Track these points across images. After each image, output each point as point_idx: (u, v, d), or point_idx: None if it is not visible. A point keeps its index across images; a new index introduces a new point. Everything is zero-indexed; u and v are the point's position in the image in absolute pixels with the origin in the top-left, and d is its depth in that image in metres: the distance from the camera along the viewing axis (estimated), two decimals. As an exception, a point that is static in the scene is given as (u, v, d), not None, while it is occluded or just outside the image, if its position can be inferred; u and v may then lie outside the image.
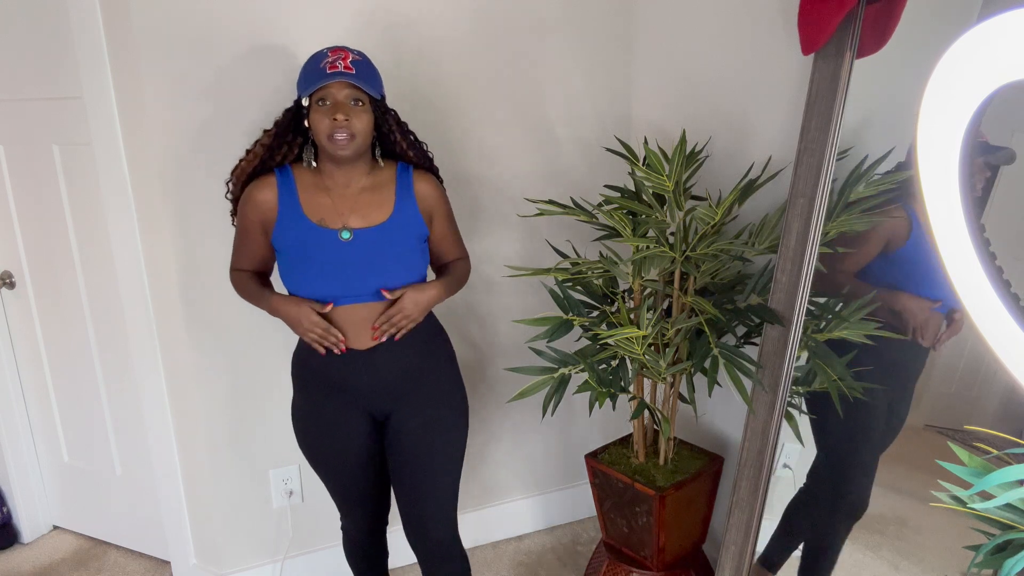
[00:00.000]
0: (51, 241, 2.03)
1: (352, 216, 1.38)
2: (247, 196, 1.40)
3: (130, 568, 2.21)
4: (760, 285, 1.67)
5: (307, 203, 1.38)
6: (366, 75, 1.32)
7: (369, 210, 1.39)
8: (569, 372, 1.72)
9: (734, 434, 2.09)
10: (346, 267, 1.36)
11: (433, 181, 1.48)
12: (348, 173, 1.38)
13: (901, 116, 1.31)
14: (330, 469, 1.53)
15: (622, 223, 1.64)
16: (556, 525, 2.43)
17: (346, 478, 1.53)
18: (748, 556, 1.72)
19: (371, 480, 1.55)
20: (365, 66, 1.33)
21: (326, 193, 1.39)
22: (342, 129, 1.29)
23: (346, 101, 1.30)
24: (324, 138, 1.30)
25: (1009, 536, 0.90)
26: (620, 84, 2.12)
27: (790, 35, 1.55)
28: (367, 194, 1.40)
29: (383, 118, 1.40)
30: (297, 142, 1.41)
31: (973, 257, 0.81)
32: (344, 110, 1.29)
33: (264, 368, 1.89)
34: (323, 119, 1.29)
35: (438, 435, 1.51)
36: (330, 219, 1.37)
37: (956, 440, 1.02)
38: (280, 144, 1.40)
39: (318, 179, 1.40)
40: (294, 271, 1.38)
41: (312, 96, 1.31)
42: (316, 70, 1.30)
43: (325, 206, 1.38)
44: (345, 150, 1.30)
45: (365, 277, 1.37)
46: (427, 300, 1.42)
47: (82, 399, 2.17)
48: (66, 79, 1.80)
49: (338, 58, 1.30)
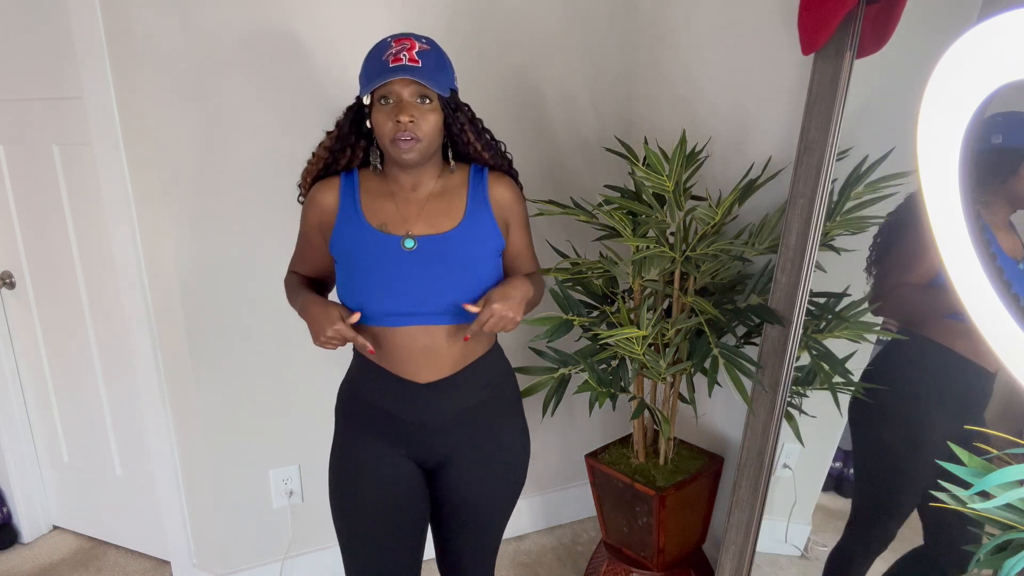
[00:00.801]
0: (51, 241, 2.03)
1: (418, 223, 1.22)
2: (309, 197, 1.29)
3: (130, 568, 2.20)
4: (760, 285, 1.67)
5: (368, 207, 1.23)
6: (434, 68, 1.16)
7: (437, 217, 1.23)
8: (569, 372, 1.72)
9: (734, 434, 2.09)
10: (409, 280, 1.19)
11: (512, 185, 1.31)
12: (415, 177, 1.24)
13: (901, 116, 1.31)
14: (358, 523, 1.29)
15: (622, 223, 1.64)
16: (556, 525, 2.43)
17: (376, 535, 1.29)
18: (748, 556, 1.72)
19: (405, 543, 1.32)
20: (434, 57, 1.17)
21: (390, 198, 1.24)
22: (406, 132, 1.14)
23: (411, 99, 1.15)
24: (387, 141, 1.16)
25: (1009, 536, 0.90)
26: (620, 84, 2.12)
27: (790, 35, 1.55)
28: (436, 200, 1.24)
29: (453, 116, 1.23)
30: (361, 145, 1.27)
31: (973, 257, 0.81)
32: (409, 110, 1.13)
33: (264, 368, 1.89)
34: (385, 120, 1.14)
35: (499, 494, 1.35)
36: (393, 225, 1.22)
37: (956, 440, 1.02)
38: (343, 147, 1.26)
39: (383, 183, 1.26)
40: (351, 282, 1.22)
41: (374, 94, 1.16)
42: (377, 64, 1.15)
43: (388, 211, 1.23)
44: (410, 154, 1.16)
45: (429, 293, 1.19)
46: (520, 295, 1.20)
47: (82, 399, 2.17)
48: (66, 79, 1.80)
49: (402, 49, 1.14)
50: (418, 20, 1.78)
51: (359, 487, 1.28)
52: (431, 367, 1.23)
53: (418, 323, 1.20)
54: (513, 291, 1.20)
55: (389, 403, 1.25)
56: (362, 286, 1.20)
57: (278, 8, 1.67)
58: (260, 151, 1.74)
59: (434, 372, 1.23)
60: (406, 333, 1.21)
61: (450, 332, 1.22)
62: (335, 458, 1.33)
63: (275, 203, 1.74)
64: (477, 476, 1.31)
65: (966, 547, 1.01)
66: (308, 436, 1.98)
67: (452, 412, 1.26)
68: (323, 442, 1.41)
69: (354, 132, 1.26)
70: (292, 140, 1.74)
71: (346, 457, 1.31)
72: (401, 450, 1.28)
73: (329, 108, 1.72)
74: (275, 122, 1.73)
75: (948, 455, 0.92)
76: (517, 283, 1.22)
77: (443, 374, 1.24)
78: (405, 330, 1.20)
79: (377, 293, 1.19)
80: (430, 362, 1.22)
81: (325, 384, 1.71)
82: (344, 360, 1.38)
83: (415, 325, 1.20)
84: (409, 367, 1.22)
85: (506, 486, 1.36)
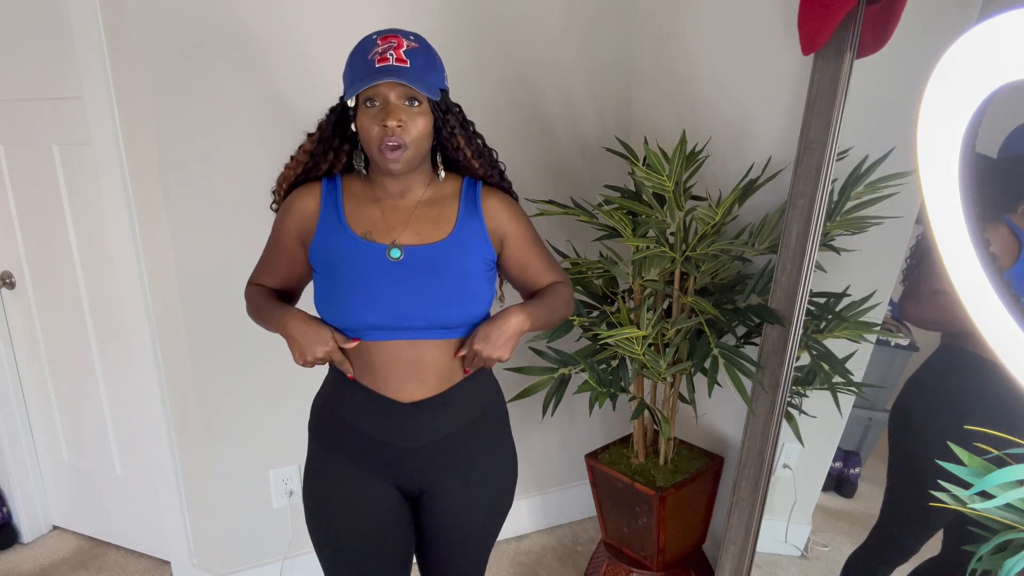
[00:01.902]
0: (51, 241, 2.03)
1: (405, 232, 1.14)
2: (286, 203, 1.20)
3: (130, 568, 2.20)
4: (760, 285, 1.67)
5: (352, 213, 1.16)
6: (423, 68, 1.07)
7: (425, 226, 1.15)
8: (569, 372, 1.72)
9: (734, 434, 2.09)
10: (393, 292, 1.11)
11: (506, 198, 1.24)
12: (404, 183, 1.16)
13: (901, 116, 1.31)
14: (339, 556, 1.22)
15: (622, 223, 1.64)
16: (556, 525, 2.43)
17: (359, 567, 1.22)
18: (748, 556, 1.72)
19: (389, 573, 1.26)
20: (423, 56, 1.09)
21: (376, 204, 1.16)
22: (394, 137, 1.06)
23: (399, 102, 1.07)
24: (374, 148, 1.08)
25: (1009, 536, 0.90)
26: (620, 84, 2.12)
27: (790, 35, 1.55)
28: (424, 208, 1.17)
29: (443, 118, 1.14)
30: (344, 149, 1.19)
31: (973, 257, 0.81)
32: (396, 114, 1.05)
33: (264, 368, 1.89)
34: (371, 125, 1.07)
35: (486, 521, 1.28)
36: (378, 233, 1.14)
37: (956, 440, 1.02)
38: (325, 150, 1.18)
39: (368, 189, 1.18)
40: (332, 293, 1.13)
41: (359, 96, 1.09)
42: (363, 64, 1.07)
43: (373, 218, 1.15)
44: (398, 163, 1.08)
45: (415, 306, 1.11)
46: (511, 329, 1.12)
47: (82, 399, 2.17)
48: (66, 79, 1.80)
49: (389, 48, 1.06)
50: (417, 18, 1.78)
51: (337, 518, 1.20)
52: (416, 385, 1.14)
53: (403, 337, 1.12)
54: (494, 330, 1.11)
55: (369, 424, 1.16)
56: (343, 298, 1.11)
57: (278, 8, 1.67)
58: (260, 151, 1.74)
59: (419, 390, 1.14)
60: (390, 348, 1.12)
61: (437, 347, 1.13)
62: (309, 484, 1.23)
63: (275, 203, 1.74)
64: (464, 504, 1.23)
65: (966, 547, 1.01)
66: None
67: (437, 434, 1.17)
68: (323, 442, 1.40)
69: (337, 135, 1.18)
70: (292, 139, 1.73)
71: (322, 484, 1.21)
72: (382, 476, 1.19)
73: (329, 107, 1.73)
74: (275, 122, 1.73)
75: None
76: (508, 315, 1.13)
77: (429, 393, 1.15)
78: (388, 344, 1.12)
79: (359, 305, 1.10)
80: (415, 379, 1.14)
81: (325, 384, 1.70)
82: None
83: (399, 339, 1.12)
84: (392, 384, 1.14)
85: (495, 513, 1.29)
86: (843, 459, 2.64)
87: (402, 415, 1.15)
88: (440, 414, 1.17)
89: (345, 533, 1.20)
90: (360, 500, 1.19)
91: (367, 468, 1.19)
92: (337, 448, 1.20)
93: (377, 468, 1.18)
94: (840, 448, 2.50)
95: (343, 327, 1.13)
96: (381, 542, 1.22)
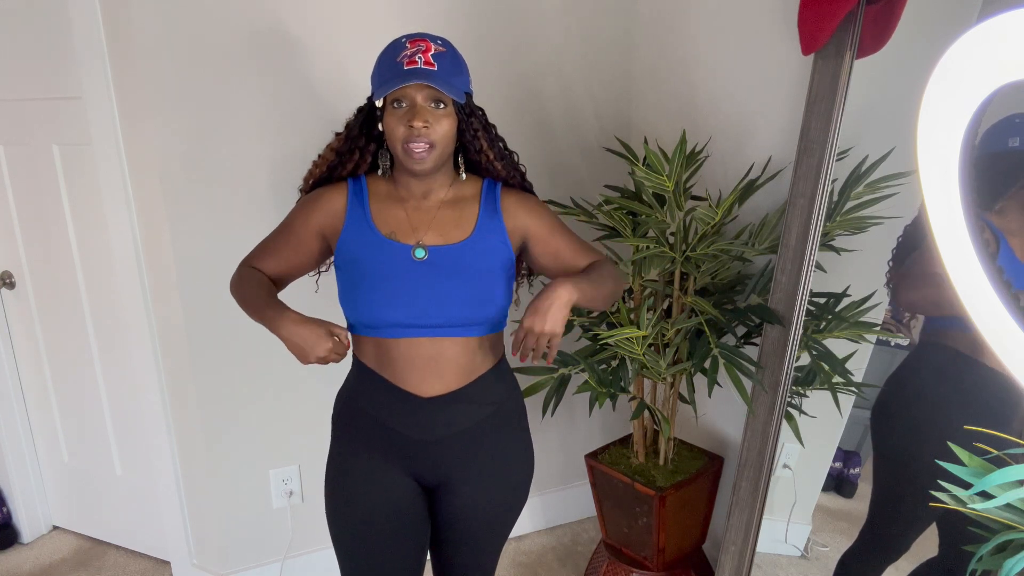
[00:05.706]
0: (51, 241, 2.03)
1: (429, 232, 1.18)
2: (315, 195, 1.22)
3: (130, 568, 2.20)
4: (760, 285, 1.68)
5: (378, 214, 1.19)
6: (449, 72, 1.11)
7: (447, 226, 1.19)
8: (569, 372, 1.72)
9: (734, 434, 2.09)
10: (417, 291, 1.14)
11: (524, 194, 1.28)
12: (427, 183, 1.20)
13: (901, 116, 1.31)
14: (355, 542, 1.25)
15: (622, 223, 1.64)
16: (556, 525, 2.43)
17: (374, 554, 1.24)
18: (748, 556, 1.72)
19: (404, 562, 1.27)
20: (449, 60, 1.12)
21: (400, 205, 1.20)
22: (420, 138, 1.10)
23: (425, 104, 1.10)
24: (399, 148, 1.12)
25: (1009, 536, 0.90)
26: (620, 84, 2.12)
27: (790, 35, 1.55)
28: (447, 208, 1.21)
29: (467, 121, 1.18)
30: (370, 149, 1.23)
31: (973, 257, 0.81)
32: (423, 115, 1.09)
33: (264, 368, 1.89)
34: (398, 125, 1.10)
35: (501, 515, 1.31)
36: (402, 234, 1.18)
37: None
38: (351, 149, 1.22)
39: (392, 189, 1.22)
40: (356, 291, 1.16)
41: (386, 97, 1.13)
42: (392, 66, 1.11)
43: (398, 219, 1.19)
44: (423, 163, 1.12)
45: (436, 305, 1.15)
46: (559, 301, 1.09)
47: (82, 399, 2.17)
48: (66, 79, 1.80)
49: (417, 51, 1.10)
50: (417, 18, 1.78)
51: (356, 504, 1.23)
52: (436, 380, 1.18)
53: (423, 335, 1.16)
54: (543, 302, 1.09)
55: (390, 416, 1.20)
56: (367, 296, 1.15)
57: (278, 8, 1.67)
58: (260, 151, 1.74)
59: (439, 385, 1.18)
60: (410, 344, 1.16)
61: (455, 344, 1.17)
62: (331, 472, 1.27)
63: (275, 203, 1.74)
64: (480, 497, 1.26)
65: (966, 547, 1.01)
66: (308, 436, 1.98)
67: (455, 428, 1.21)
68: (323, 443, 1.40)
69: (364, 135, 1.22)
70: (292, 140, 1.74)
71: (343, 472, 1.25)
72: (401, 466, 1.23)
73: (329, 108, 1.73)
74: (275, 122, 1.73)
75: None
76: (555, 286, 1.11)
77: (448, 388, 1.19)
78: (410, 341, 1.16)
79: (383, 304, 1.15)
80: (434, 374, 1.17)
81: (325, 384, 1.70)
82: (344, 361, 1.37)
83: (421, 336, 1.16)
84: (413, 379, 1.18)
85: (509, 507, 1.31)
86: (843, 459, 2.64)
87: (421, 409, 1.18)
88: (458, 408, 1.20)
89: (363, 519, 1.22)
90: (379, 488, 1.22)
91: (387, 458, 1.22)
92: (359, 438, 1.24)
93: (396, 459, 1.22)
94: (840, 448, 2.50)
95: (365, 323, 1.17)
96: (397, 532, 1.24)
